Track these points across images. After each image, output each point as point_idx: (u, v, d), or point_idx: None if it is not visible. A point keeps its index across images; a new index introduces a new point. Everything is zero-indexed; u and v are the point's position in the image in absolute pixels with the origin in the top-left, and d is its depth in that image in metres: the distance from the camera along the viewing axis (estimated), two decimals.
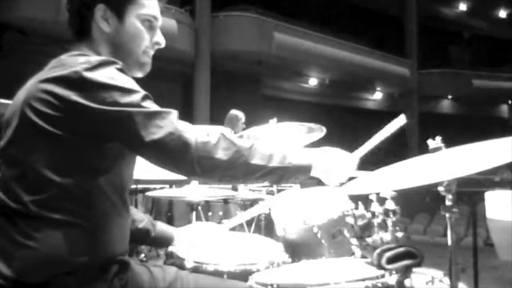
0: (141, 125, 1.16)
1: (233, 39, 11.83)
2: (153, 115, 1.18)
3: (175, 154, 1.18)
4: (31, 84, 1.24)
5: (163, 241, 1.66)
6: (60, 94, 1.17)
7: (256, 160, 1.25)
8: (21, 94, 1.26)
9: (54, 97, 1.17)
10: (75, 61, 1.22)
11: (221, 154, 1.20)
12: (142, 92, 1.21)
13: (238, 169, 1.24)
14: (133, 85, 1.22)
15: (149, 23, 1.38)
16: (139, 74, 1.41)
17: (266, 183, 1.66)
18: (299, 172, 1.32)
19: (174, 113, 1.22)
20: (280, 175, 1.29)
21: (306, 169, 1.32)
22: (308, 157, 1.34)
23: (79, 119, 1.17)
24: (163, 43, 1.43)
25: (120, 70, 1.24)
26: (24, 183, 1.18)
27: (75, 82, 1.17)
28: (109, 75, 1.20)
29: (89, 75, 1.18)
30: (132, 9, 1.35)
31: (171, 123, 1.19)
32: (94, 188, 1.22)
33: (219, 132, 1.23)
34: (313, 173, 1.33)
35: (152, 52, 1.42)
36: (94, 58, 1.23)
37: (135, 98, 1.19)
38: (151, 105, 1.21)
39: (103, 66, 1.21)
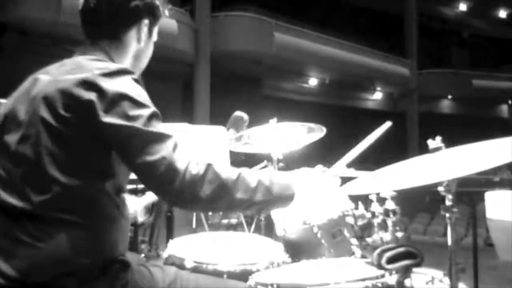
0: (139, 143, 1.17)
1: (233, 39, 11.84)
2: (152, 136, 1.18)
3: (160, 181, 1.17)
4: (47, 83, 1.23)
5: None
6: (76, 97, 1.17)
7: (240, 194, 1.24)
8: (32, 90, 1.25)
9: (69, 98, 1.18)
10: (94, 65, 1.23)
11: (205, 188, 1.19)
12: (151, 109, 1.22)
13: (222, 202, 1.23)
14: (145, 99, 1.23)
15: None
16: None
17: None
18: (281, 203, 1.34)
19: (173, 139, 1.21)
20: (262, 207, 1.31)
21: (288, 199, 1.34)
22: (290, 186, 1.34)
23: (90, 122, 1.18)
24: None
25: (136, 80, 1.26)
26: (31, 182, 1.18)
27: (91, 86, 1.18)
28: (124, 84, 1.21)
29: (105, 81, 1.19)
30: (155, 30, 1.48)
31: (166, 148, 1.18)
32: (101, 190, 1.23)
33: (207, 163, 1.21)
34: (294, 202, 1.35)
35: None
36: (114, 65, 1.25)
37: (142, 113, 1.19)
38: (155, 124, 1.20)
39: (120, 74, 1.23)
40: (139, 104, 1.20)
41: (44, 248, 1.15)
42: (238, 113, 5.53)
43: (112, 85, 1.19)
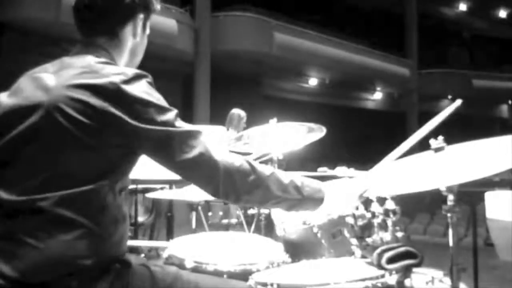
0: (176, 144, 1.21)
1: (233, 39, 11.84)
2: (186, 134, 1.22)
3: (203, 175, 1.24)
4: (57, 86, 1.21)
5: None
6: (96, 105, 1.17)
7: (273, 190, 1.29)
8: (36, 90, 1.22)
9: (88, 106, 1.17)
10: (108, 70, 1.23)
11: (242, 178, 1.25)
12: (174, 110, 1.25)
13: (255, 195, 1.29)
14: (165, 102, 1.25)
15: None
16: None
17: None
18: (311, 204, 1.37)
19: (203, 133, 1.26)
20: (293, 204, 1.35)
21: (318, 202, 1.37)
22: (321, 190, 1.37)
23: (112, 130, 1.18)
24: None
25: (151, 84, 1.26)
26: (38, 184, 1.16)
27: (112, 93, 1.18)
28: (145, 89, 1.22)
29: (127, 88, 1.19)
30: (149, 25, 1.47)
31: (201, 143, 1.23)
32: (110, 193, 1.22)
33: (243, 158, 1.28)
34: (321, 208, 1.37)
35: None
36: (129, 70, 1.25)
37: (170, 116, 1.22)
38: (182, 124, 1.24)
39: (138, 79, 1.23)
40: (163, 108, 1.23)
41: (45, 249, 1.14)
42: (234, 110, 5.53)
43: (134, 92, 1.19)
